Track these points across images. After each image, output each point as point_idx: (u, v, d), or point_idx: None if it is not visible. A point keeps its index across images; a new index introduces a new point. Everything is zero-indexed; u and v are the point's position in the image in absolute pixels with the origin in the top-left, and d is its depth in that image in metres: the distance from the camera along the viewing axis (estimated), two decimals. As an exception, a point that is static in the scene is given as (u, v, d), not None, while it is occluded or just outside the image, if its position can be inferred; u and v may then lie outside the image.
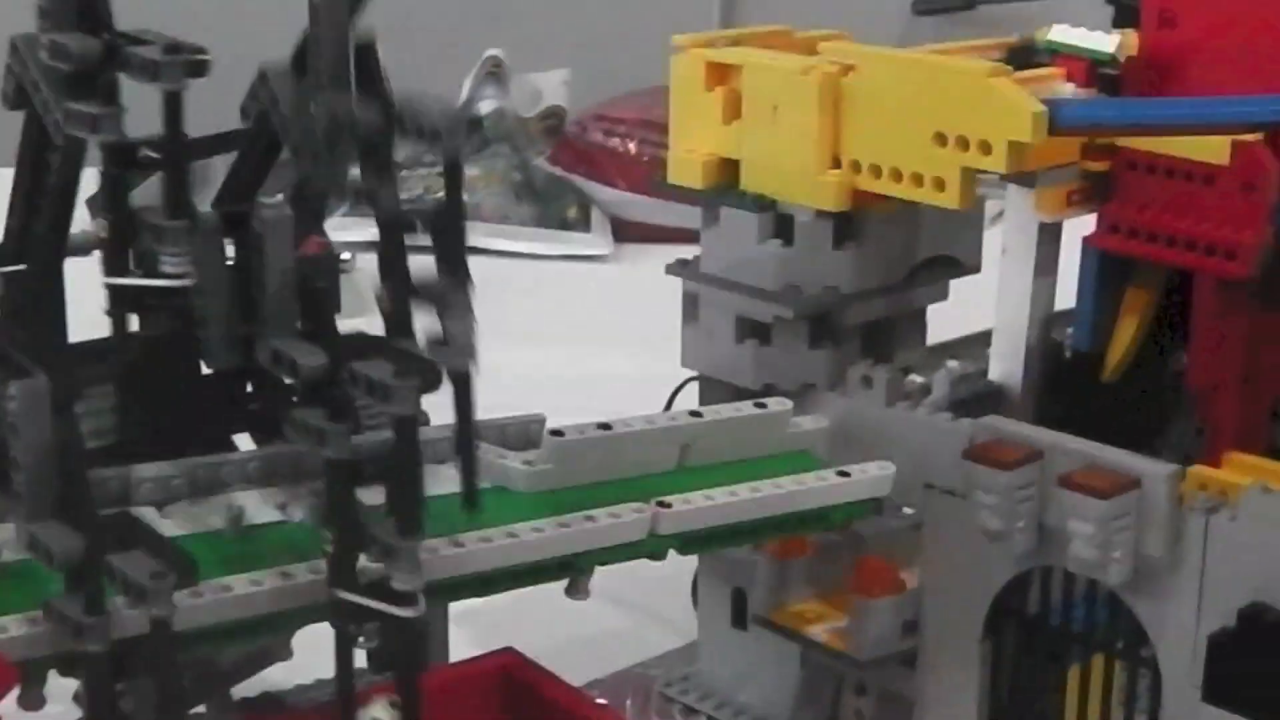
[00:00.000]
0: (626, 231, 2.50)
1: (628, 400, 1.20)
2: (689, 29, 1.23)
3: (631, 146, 2.55)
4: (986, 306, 1.23)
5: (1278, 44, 1.17)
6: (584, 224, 2.53)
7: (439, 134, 0.88)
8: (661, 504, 1.03)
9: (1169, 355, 1.27)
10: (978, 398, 1.29)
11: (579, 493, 1.04)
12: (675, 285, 1.24)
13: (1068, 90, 1.24)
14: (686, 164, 1.19)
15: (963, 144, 1.08)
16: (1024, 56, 1.33)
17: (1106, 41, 1.25)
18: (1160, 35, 1.22)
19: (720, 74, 1.18)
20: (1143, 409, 1.29)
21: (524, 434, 1.08)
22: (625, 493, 1.05)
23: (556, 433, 1.05)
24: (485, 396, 0.88)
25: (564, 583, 1.01)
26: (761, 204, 1.17)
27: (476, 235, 2.45)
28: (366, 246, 2.48)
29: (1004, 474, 1.06)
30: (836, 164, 1.13)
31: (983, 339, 1.27)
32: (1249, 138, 1.16)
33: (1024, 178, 1.15)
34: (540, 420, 1.08)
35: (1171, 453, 1.28)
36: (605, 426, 1.07)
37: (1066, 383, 1.32)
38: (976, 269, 1.23)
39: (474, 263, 0.90)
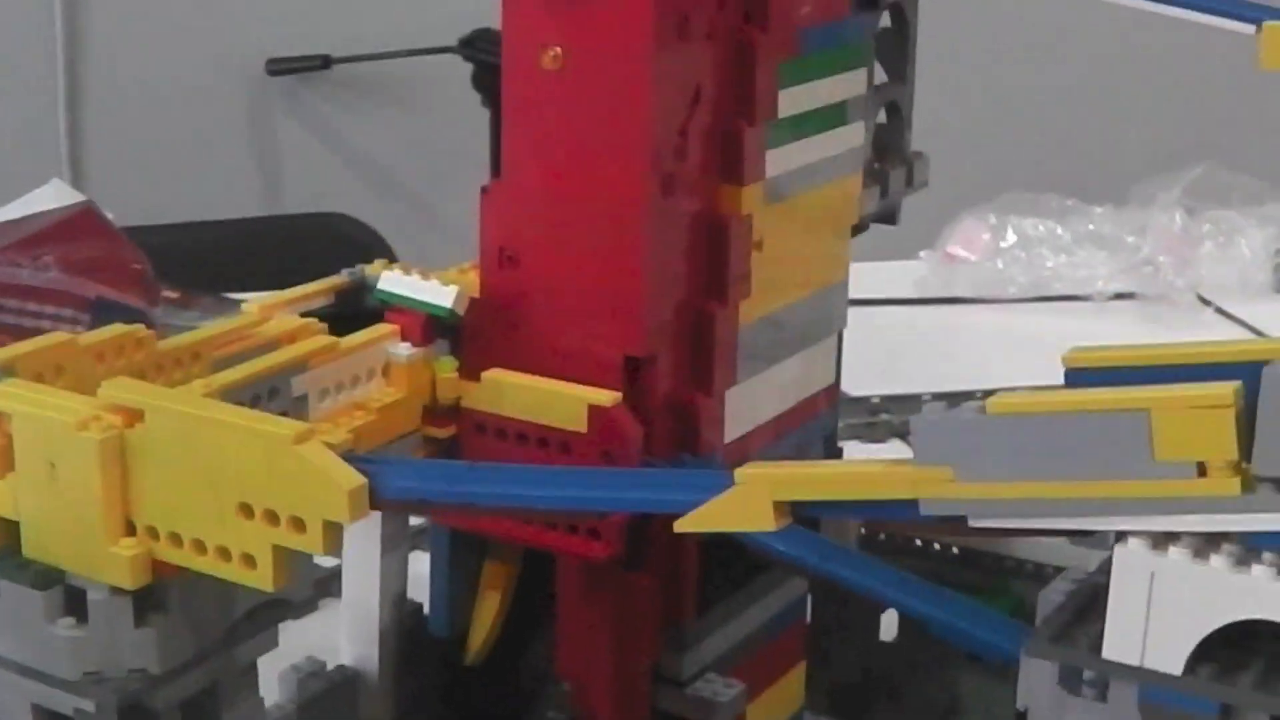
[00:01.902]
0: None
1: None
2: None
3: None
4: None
5: (621, 280, 1.08)
6: None
7: None
8: None
9: (537, 636, 1.18)
10: (330, 692, 1.18)
11: None
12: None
13: (403, 352, 1.13)
14: (-46, 526, 1.00)
15: (272, 519, 0.93)
16: (356, 299, 1.22)
17: (442, 294, 1.15)
18: (503, 275, 1.14)
19: (-12, 417, 1.00)
20: (513, 696, 1.20)
21: None
22: None
23: None
24: None
25: None
26: (48, 577, 0.99)
27: None
28: None
29: None
30: (132, 529, 0.97)
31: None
32: (606, 401, 1.07)
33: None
34: None
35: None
36: None
37: (430, 666, 1.22)
38: (314, 607, 1.09)
39: None
